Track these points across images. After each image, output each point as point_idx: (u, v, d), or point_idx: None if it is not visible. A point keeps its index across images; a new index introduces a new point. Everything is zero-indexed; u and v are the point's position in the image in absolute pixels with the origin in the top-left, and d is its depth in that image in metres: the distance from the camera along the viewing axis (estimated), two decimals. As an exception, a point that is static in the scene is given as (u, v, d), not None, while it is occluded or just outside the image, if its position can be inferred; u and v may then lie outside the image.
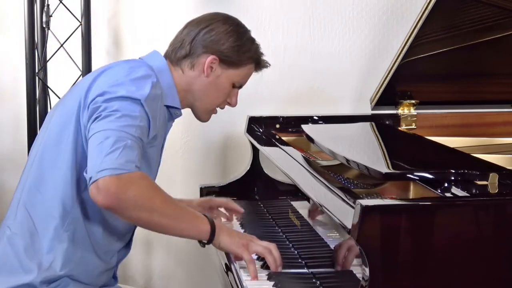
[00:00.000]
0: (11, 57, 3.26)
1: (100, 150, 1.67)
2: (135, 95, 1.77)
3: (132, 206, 1.69)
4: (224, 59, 1.97)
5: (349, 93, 3.05)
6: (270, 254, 1.78)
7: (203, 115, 2.06)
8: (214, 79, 1.98)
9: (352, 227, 1.39)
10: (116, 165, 1.65)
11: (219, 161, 3.15)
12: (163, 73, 1.95)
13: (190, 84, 1.98)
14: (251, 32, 2.06)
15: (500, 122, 2.64)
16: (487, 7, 2.39)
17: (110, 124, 1.72)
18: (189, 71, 1.98)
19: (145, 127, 1.77)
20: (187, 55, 1.97)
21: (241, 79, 2.03)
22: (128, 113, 1.74)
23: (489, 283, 1.44)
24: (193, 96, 2.00)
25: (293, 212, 2.06)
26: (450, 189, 1.56)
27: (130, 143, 1.69)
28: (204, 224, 1.79)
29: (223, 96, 2.03)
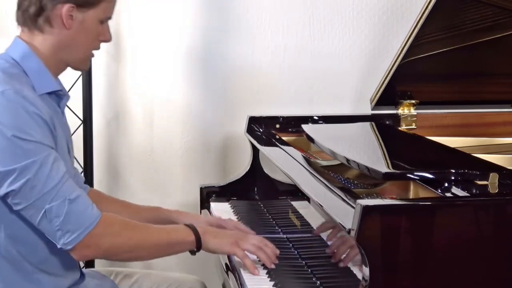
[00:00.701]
0: (11, 57, 3.26)
1: (53, 223, 1.64)
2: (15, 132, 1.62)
3: (110, 255, 1.76)
4: (80, 2, 1.75)
5: (349, 93, 3.06)
6: (260, 251, 1.78)
7: (81, 65, 1.88)
8: (79, 27, 1.77)
9: (352, 227, 1.39)
10: (78, 231, 1.65)
11: (219, 161, 3.14)
12: (27, 60, 1.77)
13: (55, 44, 1.77)
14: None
15: (500, 122, 2.64)
16: (487, 7, 2.39)
17: (33, 193, 1.63)
18: (48, 28, 1.76)
19: (53, 156, 1.66)
20: (38, 12, 1.76)
21: (106, 13, 1.83)
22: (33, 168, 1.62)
23: (489, 283, 1.44)
24: (63, 54, 1.80)
25: (293, 212, 2.06)
26: (450, 189, 1.56)
27: (67, 194, 1.65)
28: (187, 235, 1.79)
29: (93, 38, 1.82)
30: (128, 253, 1.76)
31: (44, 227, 1.66)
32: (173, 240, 1.79)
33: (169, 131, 3.14)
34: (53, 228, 1.65)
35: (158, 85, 3.08)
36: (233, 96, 3.07)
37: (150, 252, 1.80)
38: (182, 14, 3.06)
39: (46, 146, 1.66)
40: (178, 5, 3.09)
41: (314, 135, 2.18)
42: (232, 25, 3.03)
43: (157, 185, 3.16)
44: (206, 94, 3.09)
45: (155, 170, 3.16)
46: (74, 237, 1.65)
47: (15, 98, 1.64)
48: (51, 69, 1.80)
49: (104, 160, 3.19)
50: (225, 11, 3.03)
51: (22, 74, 1.75)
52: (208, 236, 1.80)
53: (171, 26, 3.08)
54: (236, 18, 3.04)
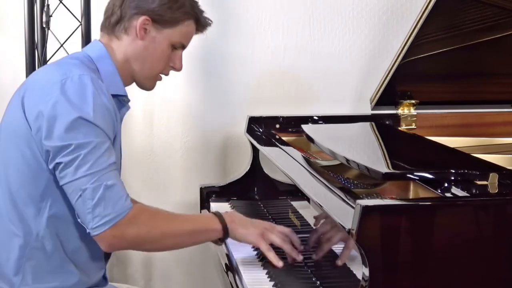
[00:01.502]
0: (11, 57, 3.26)
1: (85, 205, 1.67)
2: (82, 114, 1.68)
3: (138, 244, 1.77)
4: (157, 18, 1.85)
5: (349, 93, 3.06)
6: (286, 244, 1.81)
7: (146, 82, 1.94)
8: (150, 42, 1.86)
9: (351, 227, 1.39)
10: (107, 218, 1.67)
11: (219, 161, 3.15)
12: (103, 61, 1.86)
13: (128, 52, 1.87)
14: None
15: (500, 122, 2.64)
16: (487, 7, 2.40)
17: (77, 172, 1.67)
18: (124, 36, 1.87)
19: (108, 145, 1.71)
20: (118, 20, 1.86)
21: (180, 39, 1.90)
22: (88, 148, 1.68)
23: (489, 283, 1.44)
24: (132, 64, 1.89)
25: (293, 212, 2.06)
26: (450, 189, 1.56)
27: (106, 181, 1.68)
28: (215, 224, 1.82)
29: (163, 59, 1.90)
30: (154, 243, 1.77)
31: (78, 207, 1.69)
32: (199, 228, 1.82)
33: (169, 131, 3.14)
34: (85, 210, 1.67)
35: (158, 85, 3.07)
36: (233, 96, 3.07)
37: (176, 241, 1.81)
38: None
39: (105, 134, 1.71)
40: (178, 5, 3.09)
41: (314, 135, 2.18)
42: (232, 25, 3.03)
43: (157, 185, 3.16)
44: (206, 94, 3.09)
45: (155, 170, 3.16)
46: (102, 223, 1.67)
47: (90, 83, 1.71)
48: (121, 77, 1.88)
49: (104, 160, 3.18)
50: (225, 11, 3.03)
51: (96, 72, 1.82)
52: (236, 224, 1.82)
53: (171, 26, 3.07)
54: (236, 18, 3.04)
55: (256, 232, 1.82)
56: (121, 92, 1.88)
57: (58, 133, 1.68)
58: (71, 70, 1.74)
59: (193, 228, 1.81)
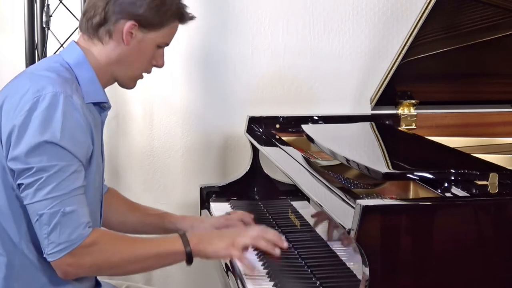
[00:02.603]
0: (11, 57, 3.26)
1: (41, 230, 1.63)
2: (47, 137, 1.62)
3: (97, 271, 1.73)
4: (144, 23, 1.78)
5: (349, 93, 3.06)
6: (260, 241, 1.73)
7: (128, 83, 1.89)
8: (136, 45, 1.80)
9: (352, 227, 1.39)
10: (62, 246, 1.62)
11: (219, 161, 3.15)
12: (81, 67, 1.78)
13: (110, 56, 1.80)
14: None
15: (500, 122, 2.64)
16: (487, 7, 2.40)
17: (36, 194, 1.62)
18: (108, 40, 1.79)
19: (75, 168, 1.66)
20: (102, 23, 1.78)
21: (165, 39, 1.85)
22: (50, 171, 1.63)
23: (489, 283, 1.44)
24: (115, 68, 1.83)
25: (293, 212, 2.06)
26: (450, 189, 1.56)
27: (65, 207, 1.62)
28: (176, 246, 1.72)
29: (148, 60, 1.85)
30: (115, 269, 1.71)
31: (36, 231, 1.65)
32: (163, 251, 1.73)
33: (169, 131, 3.14)
34: (41, 235, 1.64)
35: (158, 85, 3.08)
36: (233, 96, 3.07)
37: (139, 266, 1.74)
38: (182, 14, 3.06)
39: (73, 157, 1.65)
40: (178, 5, 3.09)
41: (314, 135, 2.18)
42: (232, 25, 3.03)
43: (157, 185, 3.16)
44: (206, 94, 3.09)
45: (155, 170, 3.16)
46: (56, 250, 1.63)
47: (62, 103, 1.65)
48: (101, 80, 1.82)
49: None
50: (225, 11, 3.03)
51: (74, 80, 1.76)
52: (202, 243, 1.73)
53: (171, 26, 3.08)
54: (236, 18, 3.04)
55: (225, 246, 1.73)
56: (101, 99, 1.82)
57: (21, 155, 1.63)
58: (45, 87, 1.67)
59: (156, 252, 1.72)
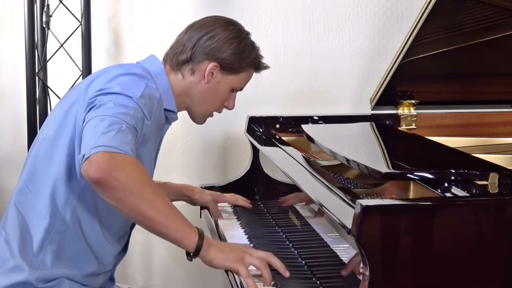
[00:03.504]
0: (11, 57, 3.26)
1: (95, 131, 1.65)
2: (128, 92, 1.77)
3: (122, 187, 1.62)
4: (225, 66, 1.99)
5: (349, 93, 3.06)
6: (265, 268, 1.70)
7: (199, 118, 2.09)
8: (214, 85, 2.00)
9: (352, 227, 1.39)
10: (111, 144, 1.62)
11: (219, 161, 3.15)
12: (160, 77, 1.96)
13: (189, 89, 2.00)
14: (251, 35, 2.07)
15: (500, 122, 2.64)
16: (487, 7, 2.40)
17: (105, 110, 1.71)
18: (189, 76, 1.99)
19: (139, 119, 1.76)
20: (187, 60, 1.98)
21: (240, 84, 2.06)
22: (123, 104, 1.74)
23: (489, 283, 1.44)
24: (191, 100, 2.02)
25: (293, 212, 2.06)
26: (450, 189, 1.56)
27: (125, 127, 1.68)
28: (193, 234, 1.71)
29: (221, 101, 2.05)
30: (137, 198, 1.64)
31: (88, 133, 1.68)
32: (180, 225, 1.70)
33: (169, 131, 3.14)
34: (93, 134, 1.65)
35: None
36: (233, 96, 3.07)
37: (155, 216, 1.67)
38: (182, 14, 3.06)
39: (142, 113, 1.77)
40: (179, 5, 3.10)
41: (314, 135, 2.18)
42: (232, 25, 3.03)
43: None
44: (206, 94, 3.09)
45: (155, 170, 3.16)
46: (103, 144, 1.61)
47: (144, 83, 1.85)
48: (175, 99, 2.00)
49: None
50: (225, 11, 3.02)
51: (154, 83, 1.93)
52: (213, 248, 1.73)
53: (171, 26, 3.07)
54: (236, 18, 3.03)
55: (235, 257, 1.72)
56: (173, 108, 1.98)
57: (102, 91, 1.78)
58: (134, 69, 1.90)
59: (172, 216, 1.69)
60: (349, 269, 1.63)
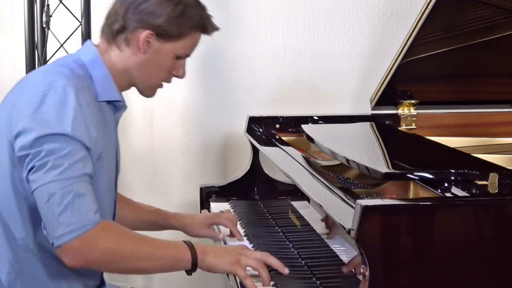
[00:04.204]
0: (11, 57, 3.26)
1: (51, 211, 1.59)
2: (58, 129, 1.63)
3: (103, 262, 1.65)
4: (161, 33, 1.76)
5: (349, 93, 3.06)
6: (262, 269, 1.69)
7: (147, 91, 1.87)
8: (153, 55, 1.78)
9: (352, 227, 1.39)
10: (73, 226, 1.57)
11: (219, 161, 3.15)
12: (95, 66, 1.78)
13: (127, 63, 1.80)
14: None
15: (500, 122, 2.63)
16: (487, 7, 2.39)
17: (48, 175, 1.60)
18: (125, 48, 1.78)
19: (84, 155, 1.65)
20: (121, 30, 1.77)
21: (185, 50, 1.82)
22: (60, 154, 1.61)
23: (489, 283, 1.44)
24: (132, 75, 1.82)
25: (293, 212, 2.06)
26: (450, 189, 1.56)
27: (77, 189, 1.60)
28: (184, 253, 1.70)
29: (166, 70, 1.83)
30: (121, 262, 1.67)
31: (44, 213, 1.61)
32: (170, 256, 1.72)
33: (169, 131, 3.14)
34: (50, 216, 1.59)
35: (158, 85, 3.08)
36: (233, 96, 3.07)
37: (144, 265, 1.71)
38: (182, 14, 3.06)
39: (82, 145, 1.64)
40: (178, 5, 3.10)
41: (314, 135, 2.18)
42: (232, 25, 3.03)
43: (157, 185, 3.16)
44: (206, 94, 3.09)
45: (155, 170, 3.16)
46: (67, 231, 1.57)
47: (73, 95, 1.66)
48: (116, 82, 1.81)
49: (104, 160, 3.19)
50: (225, 11, 3.03)
51: (87, 78, 1.76)
52: (208, 255, 1.72)
53: (171, 26, 3.08)
54: (236, 18, 3.04)
55: (231, 260, 1.70)
56: (115, 98, 1.81)
57: (30, 141, 1.62)
58: (56, 81, 1.68)
59: (164, 255, 1.71)
60: (350, 267, 1.64)
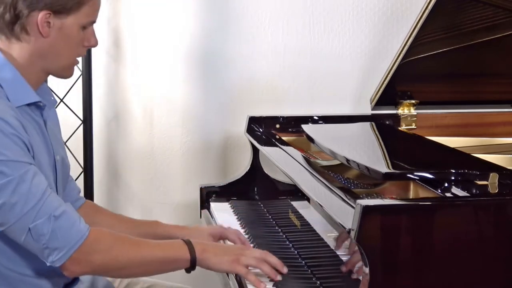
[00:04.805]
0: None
1: (38, 243, 1.57)
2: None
3: (105, 271, 1.69)
4: (58, 8, 1.65)
5: (349, 93, 3.06)
6: (264, 265, 1.70)
7: (63, 73, 1.76)
8: (58, 34, 1.67)
9: (352, 227, 1.39)
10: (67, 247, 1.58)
11: (219, 161, 3.15)
12: (1, 70, 1.66)
13: (33, 52, 1.68)
14: None
15: (500, 122, 2.63)
16: (487, 7, 2.39)
17: (14, 214, 1.55)
18: (25, 36, 1.66)
19: (32, 170, 1.58)
20: (14, 20, 1.64)
21: (89, 18, 1.71)
22: (11, 185, 1.54)
23: (489, 283, 1.44)
24: (43, 63, 1.70)
25: (293, 212, 2.06)
26: (450, 189, 1.56)
27: (51, 210, 1.57)
28: (182, 253, 1.71)
29: (76, 45, 1.72)
30: (120, 269, 1.69)
31: (30, 245, 1.59)
32: (168, 257, 1.72)
33: (169, 131, 3.14)
34: (39, 246, 1.58)
35: (158, 85, 3.08)
36: (233, 96, 3.07)
37: (143, 269, 1.72)
38: (182, 14, 3.06)
39: (23, 163, 1.57)
40: (178, 5, 3.10)
41: (314, 135, 2.18)
42: (232, 25, 3.03)
43: (157, 185, 3.16)
44: (206, 94, 3.09)
45: (155, 170, 3.16)
46: (62, 254, 1.58)
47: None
48: (30, 79, 1.70)
49: (104, 160, 3.19)
50: (225, 11, 3.03)
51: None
52: (207, 253, 1.72)
53: (171, 26, 3.08)
54: (236, 18, 3.04)
55: (230, 259, 1.70)
56: (31, 100, 1.69)
57: None
58: None
59: (162, 256, 1.71)
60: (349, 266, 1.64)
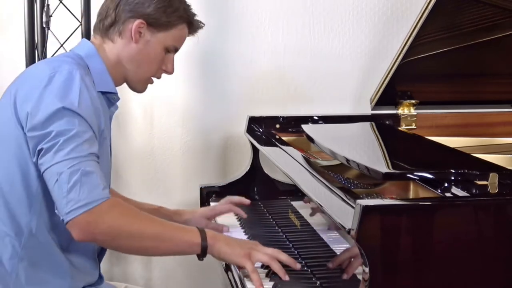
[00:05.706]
0: (11, 57, 3.26)
1: (61, 190, 1.63)
2: (66, 104, 1.69)
3: (109, 237, 1.68)
4: (152, 22, 1.88)
5: (349, 93, 3.06)
6: (275, 262, 1.72)
7: (138, 85, 1.97)
8: (144, 45, 1.90)
9: (352, 227, 1.39)
10: (82, 202, 1.62)
11: (219, 161, 3.15)
12: (92, 59, 1.87)
13: (120, 55, 1.90)
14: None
15: (500, 122, 2.64)
16: (487, 7, 2.40)
17: (56, 156, 1.65)
18: (118, 39, 1.89)
19: (90, 136, 1.71)
20: (113, 23, 1.89)
21: (174, 42, 1.94)
22: (68, 134, 1.66)
23: (489, 283, 1.44)
24: (125, 67, 1.92)
25: (293, 212, 2.06)
26: (450, 189, 1.56)
27: (84, 167, 1.64)
28: (193, 237, 1.73)
29: (157, 62, 1.94)
30: (129, 239, 1.69)
31: (54, 193, 1.65)
32: (178, 237, 1.73)
33: (169, 131, 3.14)
34: (60, 195, 1.63)
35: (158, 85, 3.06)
36: (233, 96, 3.07)
37: (155, 244, 1.72)
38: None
39: (88, 125, 1.71)
40: (178, 5, 3.10)
41: (314, 135, 2.18)
42: (232, 25, 3.03)
43: (157, 185, 3.16)
44: (206, 94, 3.09)
45: (155, 170, 3.16)
46: (76, 207, 1.61)
47: (79, 77, 1.74)
48: (111, 75, 1.90)
49: (104, 160, 3.19)
50: (225, 11, 3.03)
51: (86, 68, 1.84)
52: (219, 242, 1.74)
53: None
54: (236, 18, 3.04)
55: (242, 253, 1.73)
56: (111, 90, 1.89)
57: (40, 122, 1.68)
58: (61, 65, 1.76)
59: (171, 235, 1.73)
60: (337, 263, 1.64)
